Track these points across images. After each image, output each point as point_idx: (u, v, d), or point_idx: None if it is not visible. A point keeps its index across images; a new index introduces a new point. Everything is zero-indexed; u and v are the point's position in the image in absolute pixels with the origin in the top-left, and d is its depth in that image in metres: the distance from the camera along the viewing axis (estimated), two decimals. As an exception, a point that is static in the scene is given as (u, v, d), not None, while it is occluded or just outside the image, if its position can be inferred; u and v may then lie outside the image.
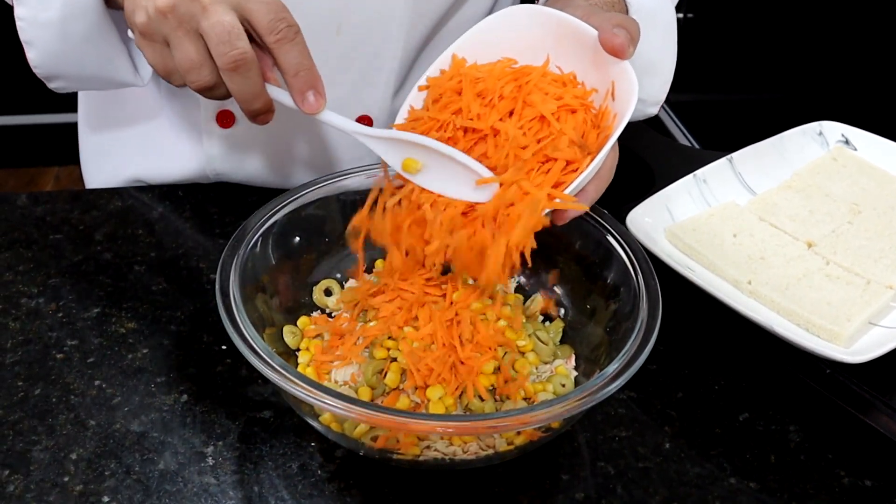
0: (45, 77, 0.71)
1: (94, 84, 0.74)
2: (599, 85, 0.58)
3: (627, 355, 0.53)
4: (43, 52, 0.68)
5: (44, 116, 2.36)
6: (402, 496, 0.57)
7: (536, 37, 0.60)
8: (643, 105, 0.79)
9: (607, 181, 0.58)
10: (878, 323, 0.69)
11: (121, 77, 0.73)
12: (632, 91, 0.54)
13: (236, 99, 0.56)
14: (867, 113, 1.12)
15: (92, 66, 0.70)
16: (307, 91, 0.56)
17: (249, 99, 0.56)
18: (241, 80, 0.55)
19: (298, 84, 0.55)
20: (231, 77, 0.54)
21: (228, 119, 0.80)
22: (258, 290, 0.61)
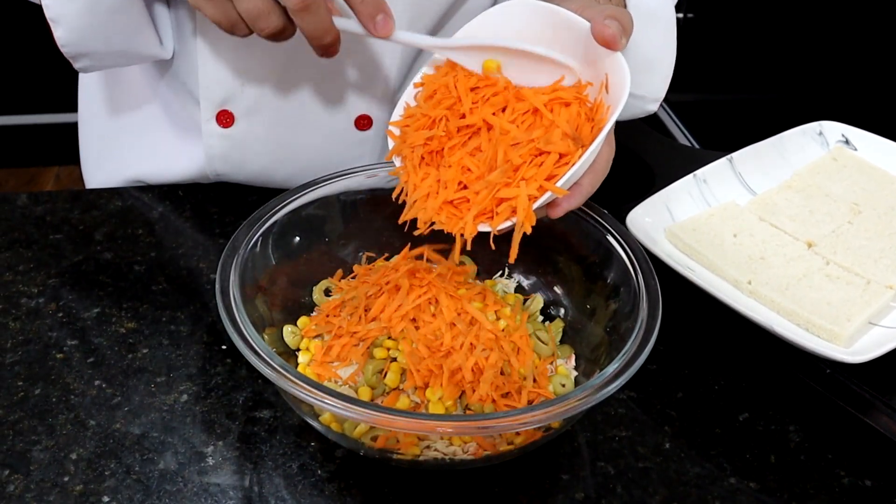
0: (72, 56, 0.71)
1: (121, 60, 0.74)
2: (594, 78, 0.58)
3: (627, 355, 0.53)
4: (70, 29, 0.68)
5: (44, 116, 2.36)
6: (402, 496, 0.57)
7: (532, 31, 0.60)
8: (643, 102, 0.79)
9: (603, 174, 0.58)
10: (878, 323, 0.69)
11: (147, 50, 0.74)
12: (624, 83, 0.54)
13: (307, 37, 0.57)
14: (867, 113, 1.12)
15: (119, 40, 0.71)
16: (376, 15, 0.56)
17: (321, 35, 0.57)
18: (311, 19, 0.55)
19: (366, 9, 0.56)
20: (302, 17, 0.55)
21: (228, 119, 0.80)
22: (258, 290, 0.61)
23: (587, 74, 0.58)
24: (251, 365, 0.51)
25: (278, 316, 0.63)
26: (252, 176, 0.84)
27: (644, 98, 0.78)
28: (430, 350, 0.57)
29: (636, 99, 0.78)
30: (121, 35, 0.71)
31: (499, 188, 0.54)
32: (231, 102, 0.79)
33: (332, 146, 0.83)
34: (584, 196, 0.57)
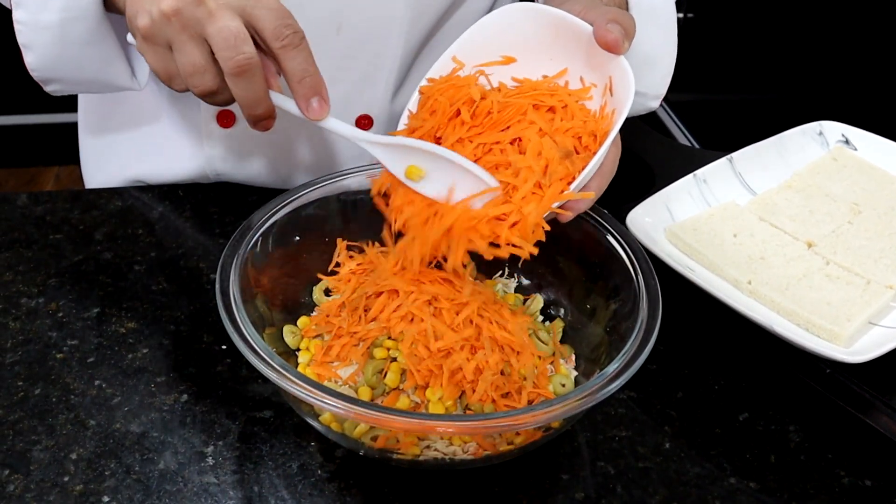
0: (42, 80, 0.71)
1: (91, 88, 0.74)
2: (598, 81, 0.58)
3: (627, 355, 0.53)
4: (41, 56, 0.68)
5: (44, 116, 2.36)
6: (402, 496, 0.57)
7: (534, 35, 0.60)
8: (644, 99, 0.79)
9: (610, 176, 0.58)
10: (878, 323, 0.69)
11: (118, 81, 0.73)
12: (629, 86, 0.55)
13: (240, 104, 0.56)
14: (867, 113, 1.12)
15: (90, 69, 0.70)
16: (312, 97, 0.56)
17: (253, 104, 0.56)
18: (245, 86, 0.54)
19: (303, 90, 0.55)
20: (236, 82, 0.54)
21: (229, 119, 0.80)
22: (258, 290, 0.61)
23: (591, 76, 0.58)
24: (251, 365, 0.51)
25: (278, 316, 0.63)
26: (252, 175, 0.84)
27: (645, 95, 0.78)
28: (430, 351, 0.57)
29: (637, 96, 0.78)
30: (91, 66, 0.70)
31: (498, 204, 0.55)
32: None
33: (333, 146, 0.83)
34: (592, 200, 0.57)
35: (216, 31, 0.53)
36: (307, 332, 0.63)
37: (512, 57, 0.62)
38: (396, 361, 0.58)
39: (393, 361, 0.58)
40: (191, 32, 0.54)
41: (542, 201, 0.55)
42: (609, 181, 0.58)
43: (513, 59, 0.62)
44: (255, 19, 0.54)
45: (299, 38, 0.55)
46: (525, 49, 0.60)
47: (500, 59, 0.62)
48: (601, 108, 0.57)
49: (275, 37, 0.54)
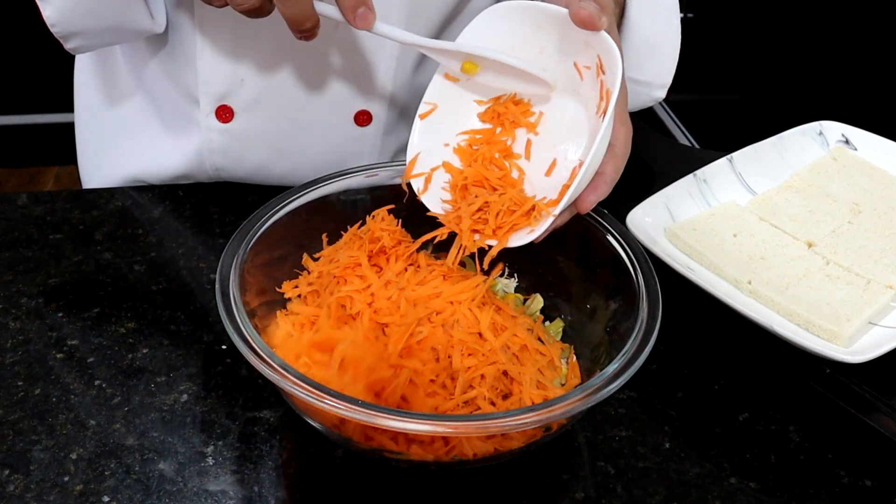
0: (62, 35, 0.70)
1: (112, 37, 0.73)
2: (590, 62, 0.58)
3: (627, 355, 0.53)
4: (60, 7, 0.67)
5: (44, 116, 2.36)
6: (402, 496, 0.57)
7: (517, 32, 0.61)
8: (649, 88, 0.79)
9: (624, 158, 0.57)
10: (878, 323, 0.69)
11: (138, 25, 0.72)
12: (616, 61, 0.54)
13: (287, 20, 0.56)
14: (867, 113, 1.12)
15: (109, 16, 0.70)
16: (359, 7, 0.56)
17: (301, 19, 0.56)
18: (293, 3, 0.55)
19: (349, 2, 0.56)
20: (284, 1, 0.55)
21: (227, 114, 0.80)
22: (258, 291, 0.61)
23: (584, 59, 0.58)
24: (251, 365, 0.51)
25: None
26: (251, 170, 0.84)
27: (650, 84, 0.78)
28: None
29: (642, 85, 0.78)
30: (111, 11, 0.69)
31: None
32: (230, 97, 0.79)
33: (331, 141, 0.83)
34: (610, 184, 0.57)
35: None
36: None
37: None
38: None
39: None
40: None
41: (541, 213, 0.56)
42: (624, 163, 0.57)
43: None
44: None
45: None
46: (514, 48, 0.61)
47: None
48: (600, 90, 0.57)
49: None
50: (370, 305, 0.60)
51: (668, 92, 0.83)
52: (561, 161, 0.61)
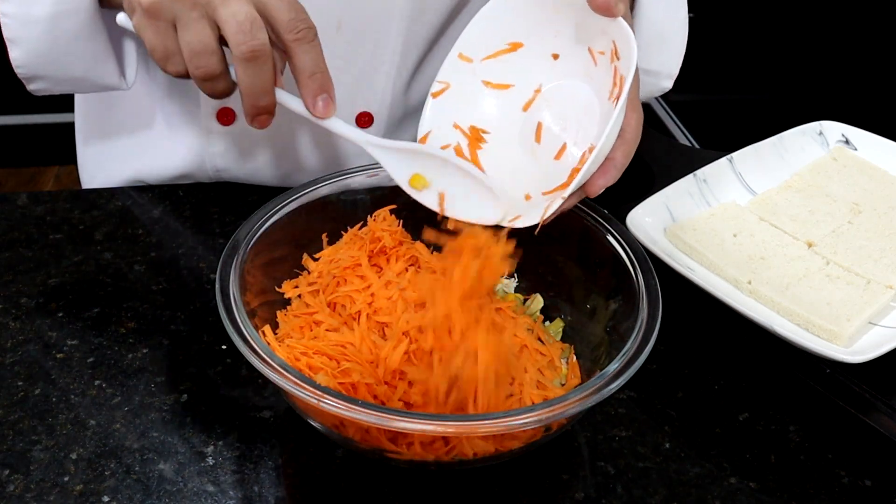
0: (26, 78, 0.69)
1: (77, 87, 0.72)
2: (605, 48, 0.58)
3: (627, 355, 0.53)
4: (28, 51, 0.66)
5: (44, 116, 2.37)
6: (402, 496, 0.57)
7: (534, 15, 0.61)
8: (657, 78, 0.79)
9: (634, 144, 0.57)
10: (878, 323, 0.69)
11: (106, 80, 0.71)
12: (631, 48, 0.55)
13: (244, 93, 0.54)
14: (867, 113, 1.12)
15: (78, 67, 0.69)
16: (319, 95, 0.55)
17: (258, 93, 0.54)
18: (255, 72, 0.53)
19: (313, 86, 0.54)
20: (246, 68, 0.53)
21: (229, 116, 0.80)
22: (258, 291, 0.61)
23: (599, 44, 0.59)
24: (251, 365, 0.51)
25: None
26: (252, 172, 0.84)
27: (658, 74, 0.78)
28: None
29: (650, 76, 0.78)
30: (79, 63, 0.68)
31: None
32: (232, 100, 0.79)
33: (333, 143, 0.83)
34: (620, 169, 0.57)
35: (230, 15, 0.51)
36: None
37: (518, 42, 0.62)
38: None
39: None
40: (202, 11, 0.52)
41: (553, 196, 0.55)
42: (634, 149, 0.57)
43: (519, 45, 0.62)
44: (270, 9, 0.53)
45: (313, 34, 0.54)
46: (529, 31, 0.61)
47: (507, 46, 0.62)
48: (613, 76, 0.57)
49: (289, 29, 0.53)
50: (370, 305, 0.60)
51: (668, 92, 0.83)
52: (571, 145, 0.61)
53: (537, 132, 0.62)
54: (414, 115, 0.87)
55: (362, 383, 0.55)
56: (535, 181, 0.61)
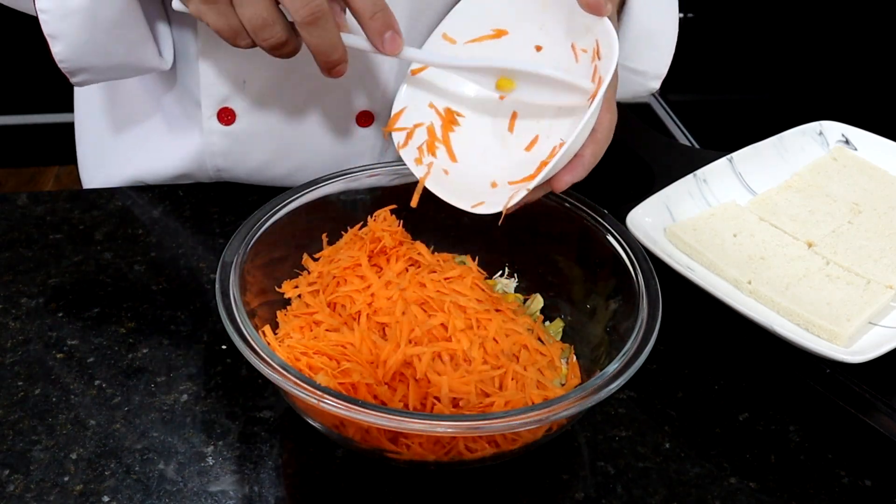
0: (70, 71, 0.70)
1: (120, 73, 0.73)
2: (588, 46, 0.58)
3: (627, 355, 0.53)
4: (70, 44, 0.66)
5: (44, 116, 2.37)
6: (402, 496, 0.57)
7: (522, 5, 0.61)
8: (645, 78, 0.79)
9: (605, 143, 0.58)
10: (878, 323, 0.69)
11: (147, 63, 0.72)
12: (613, 48, 0.55)
13: (313, 52, 0.56)
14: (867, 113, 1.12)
15: (119, 53, 0.69)
16: (385, 32, 0.55)
17: (328, 50, 0.55)
18: (319, 33, 0.54)
19: (376, 26, 0.55)
20: (310, 31, 0.54)
21: (229, 116, 0.80)
22: (258, 291, 0.61)
23: (582, 42, 0.59)
24: (251, 365, 0.51)
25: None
26: (252, 171, 0.84)
27: (645, 74, 0.78)
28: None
29: (638, 75, 0.78)
30: (121, 49, 0.69)
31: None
32: (232, 100, 0.79)
33: (333, 142, 0.83)
34: (587, 167, 0.57)
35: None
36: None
37: (503, 30, 0.62)
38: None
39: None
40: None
41: (517, 185, 0.56)
42: (604, 148, 0.58)
43: (504, 32, 0.63)
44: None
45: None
46: (515, 20, 0.61)
47: (492, 33, 0.62)
48: (593, 74, 0.58)
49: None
50: (370, 305, 0.60)
51: (668, 92, 0.83)
52: (543, 138, 0.61)
53: (511, 121, 0.63)
54: None
55: (362, 383, 0.55)
56: (503, 169, 0.61)
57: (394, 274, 0.62)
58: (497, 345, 0.59)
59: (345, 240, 0.66)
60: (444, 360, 0.57)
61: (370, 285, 0.61)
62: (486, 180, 0.61)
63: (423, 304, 0.60)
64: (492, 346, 0.58)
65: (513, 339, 0.60)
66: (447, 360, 0.57)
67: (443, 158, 0.63)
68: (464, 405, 0.55)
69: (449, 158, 0.63)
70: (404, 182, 0.67)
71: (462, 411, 0.55)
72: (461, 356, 0.57)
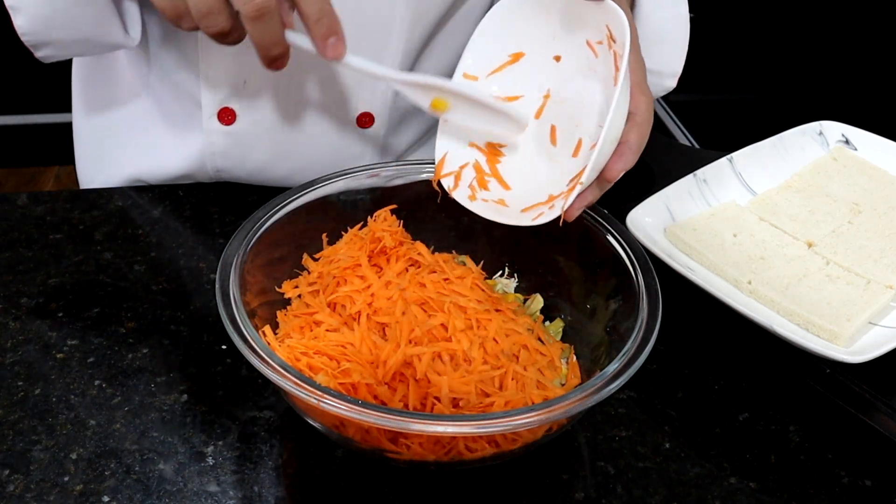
0: (33, 45, 0.69)
1: (85, 48, 0.72)
2: (599, 35, 0.59)
3: (627, 355, 0.53)
4: (31, 17, 0.66)
5: (44, 116, 2.37)
6: (402, 496, 0.57)
7: (527, 22, 0.61)
8: (660, 77, 0.79)
9: (647, 126, 0.57)
10: (878, 323, 0.69)
11: (111, 38, 0.72)
12: (623, 26, 0.55)
13: (256, 47, 0.56)
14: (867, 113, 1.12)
15: (82, 27, 0.69)
16: (329, 37, 0.55)
17: (269, 46, 0.56)
18: (263, 28, 0.54)
19: (321, 30, 0.55)
20: (254, 25, 0.54)
21: (230, 116, 0.80)
22: (258, 291, 0.61)
23: (594, 34, 0.59)
24: (251, 365, 0.51)
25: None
26: (252, 172, 0.84)
27: (661, 73, 0.78)
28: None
29: (653, 75, 0.78)
30: (84, 23, 0.69)
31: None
32: (233, 100, 0.79)
33: (334, 144, 0.83)
34: (636, 151, 0.57)
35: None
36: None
37: (519, 52, 0.62)
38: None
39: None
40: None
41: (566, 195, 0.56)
42: (648, 131, 0.57)
43: (521, 54, 0.63)
44: None
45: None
46: (527, 39, 0.61)
47: (509, 58, 0.63)
48: (614, 60, 0.57)
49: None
50: (370, 306, 0.60)
51: (668, 92, 0.83)
52: (586, 140, 0.61)
53: (552, 135, 0.63)
54: (414, 114, 0.87)
55: (362, 383, 0.55)
56: (557, 182, 0.61)
57: (394, 274, 0.62)
58: (497, 345, 0.59)
59: (345, 240, 0.66)
60: (444, 360, 0.57)
61: (370, 285, 0.61)
62: (543, 196, 0.61)
63: (423, 304, 0.60)
64: (492, 346, 0.58)
65: (513, 339, 0.60)
66: (447, 360, 0.57)
67: (496, 190, 0.63)
68: (464, 405, 0.55)
69: (502, 188, 0.63)
70: (404, 182, 0.67)
71: (462, 411, 0.55)
72: (461, 356, 0.57)
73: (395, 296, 0.60)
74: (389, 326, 0.59)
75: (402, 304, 0.59)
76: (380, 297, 0.60)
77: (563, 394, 0.57)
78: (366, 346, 0.57)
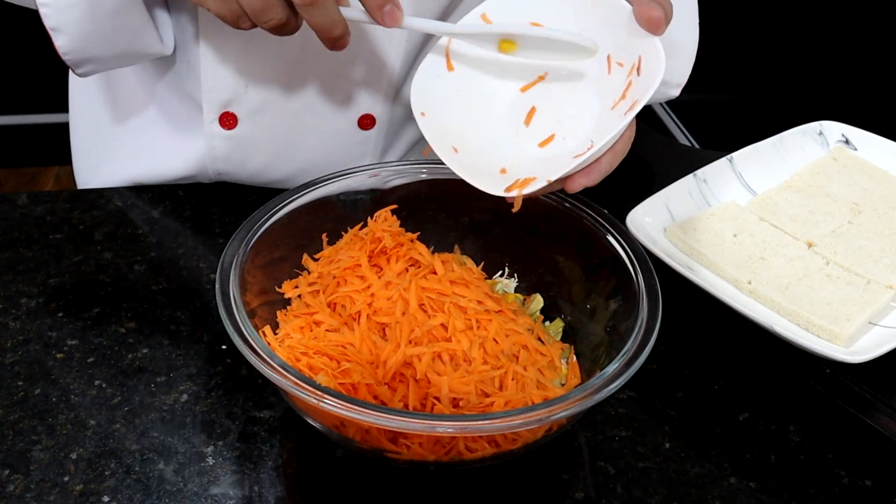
0: (74, 63, 0.70)
1: (123, 61, 0.74)
2: (626, 60, 0.58)
3: (627, 355, 0.53)
4: (72, 36, 0.67)
5: (44, 116, 2.36)
6: (402, 496, 0.57)
7: (570, 4, 0.60)
8: (666, 87, 0.79)
9: (622, 155, 0.58)
10: (878, 323, 0.69)
11: (149, 49, 0.73)
12: (658, 69, 0.54)
13: (315, 30, 0.56)
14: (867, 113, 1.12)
15: (121, 42, 0.70)
16: (385, 5, 0.56)
17: (329, 27, 0.56)
18: (318, 12, 0.55)
19: (375, 1, 0.56)
20: (309, 11, 0.55)
21: (231, 121, 0.80)
22: (258, 291, 0.61)
23: (621, 55, 0.58)
24: (251, 365, 0.51)
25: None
26: (253, 174, 0.84)
27: (667, 83, 0.78)
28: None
29: (660, 84, 0.78)
30: (122, 37, 0.70)
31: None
32: (234, 104, 0.79)
33: (335, 145, 0.83)
34: (602, 174, 0.57)
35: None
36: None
37: (540, 24, 0.61)
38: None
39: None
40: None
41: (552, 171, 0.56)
42: (620, 159, 0.58)
43: (540, 26, 0.62)
44: None
45: None
46: (557, 18, 0.60)
47: (528, 24, 0.62)
48: (626, 88, 0.57)
49: None
50: (370, 306, 0.60)
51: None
52: (559, 139, 0.61)
53: (529, 115, 0.62)
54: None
55: (362, 384, 0.55)
56: (512, 160, 0.61)
57: (394, 274, 0.62)
58: (497, 345, 0.59)
59: (345, 240, 0.66)
60: (444, 360, 0.57)
61: (370, 286, 0.61)
62: (495, 166, 0.61)
63: (423, 304, 0.60)
64: (492, 346, 0.58)
65: (513, 339, 0.60)
66: (447, 360, 0.57)
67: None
68: (464, 405, 0.55)
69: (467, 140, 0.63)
70: (404, 182, 0.67)
71: (462, 411, 0.55)
72: (461, 356, 0.57)
73: (395, 296, 0.60)
74: (389, 326, 0.59)
75: (402, 305, 0.59)
76: (380, 297, 0.60)
77: (563, 394, 0.57)
78: (366, 346, 0.57)
